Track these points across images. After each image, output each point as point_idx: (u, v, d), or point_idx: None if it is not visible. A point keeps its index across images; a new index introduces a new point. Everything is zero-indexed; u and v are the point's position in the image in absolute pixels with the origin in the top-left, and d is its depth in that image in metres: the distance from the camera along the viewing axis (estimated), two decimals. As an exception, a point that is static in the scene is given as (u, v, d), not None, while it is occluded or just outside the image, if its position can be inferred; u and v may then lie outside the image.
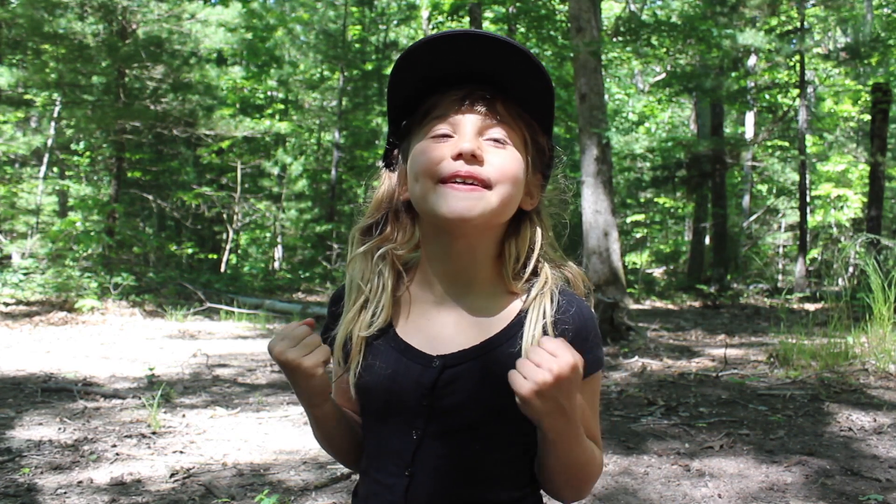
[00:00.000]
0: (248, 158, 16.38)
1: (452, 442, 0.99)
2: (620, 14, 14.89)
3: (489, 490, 1.00)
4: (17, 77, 11.15)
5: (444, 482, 0.99)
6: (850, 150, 16.04)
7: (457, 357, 0.99)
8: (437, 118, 0.98)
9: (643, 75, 22.27)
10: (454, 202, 0.94)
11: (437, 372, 0.99)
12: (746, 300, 12.10)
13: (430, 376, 0.99)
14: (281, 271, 17.54)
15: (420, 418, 0.99)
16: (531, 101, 1.00)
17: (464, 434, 0.99)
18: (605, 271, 9.31)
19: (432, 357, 1.00)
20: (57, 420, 3.39)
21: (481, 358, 0.99)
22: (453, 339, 1.01)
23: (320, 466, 2.76)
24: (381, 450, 1.03)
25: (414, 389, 0.99)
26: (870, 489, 2.44)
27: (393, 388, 1.00)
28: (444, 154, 0.96)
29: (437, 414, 0.98)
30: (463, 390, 0.98)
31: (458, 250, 1.01)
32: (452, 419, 0.98)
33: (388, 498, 1.01)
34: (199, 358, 5.38)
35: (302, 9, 19.04)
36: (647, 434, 3.17)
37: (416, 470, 0.99)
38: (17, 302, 8.90)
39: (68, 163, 16.54)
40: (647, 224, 20.45)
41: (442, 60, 0.96)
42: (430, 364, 1.00)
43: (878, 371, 4.17)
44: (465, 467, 0.99)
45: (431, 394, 0.98)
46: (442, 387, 0.98)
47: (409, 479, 0.99)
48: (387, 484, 1.01)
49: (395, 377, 1.00)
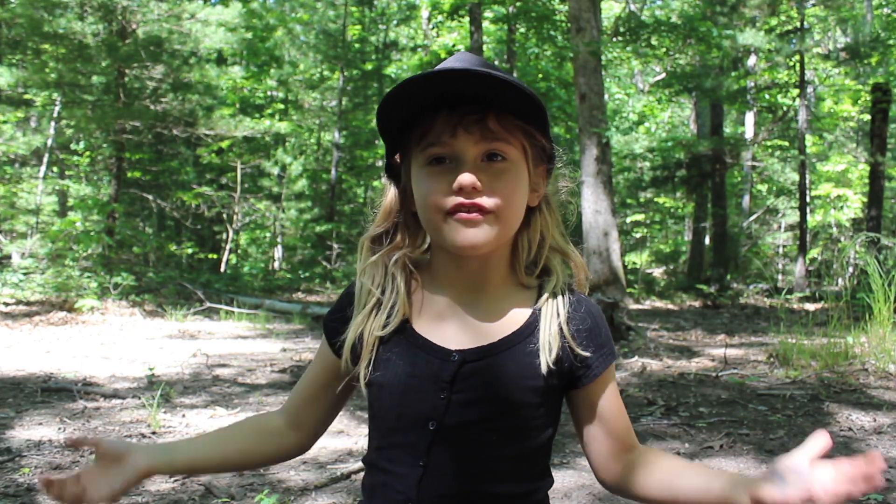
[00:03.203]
0: (248, 158, 16.38)
1: (467, 434, 1.02)
2: (620, 14, 14.88)
3: (502, 482, 1.03)
4: (17, 77, 11.15)
5: (457, 474, 1.02)
6: (850, 150, 16.04)
7: (476, 353, 1.03)
8: (432, 144, 1.00)
9: (643, 75, 22.26)
10: (463, 235, 0.99)
11: (457, 366, 1.02)
12: (746, 300, 12.10)
13: (449, 370, 1.02)
14: (281, 271, 17.54)
15: (437, 411, 1.01)
16: (522, 109, 1.01)
17: (479, 427, 1.01)
18: (605, 271, 9.31)
19: (451, 351, 1.03)
20: (57, 420, 3.39)
21: (499, 355, 1.03)
22: (470, 336, 1.04)
23: (320, 466, 2.76)
24: (394, 442, 1.05)
25: (433, 383, 1.02)
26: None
27: (411, 383, 1.03)
28: (444, 188, 0.99)
29: (454, 407, 1.01)
30: (480, 385, 1.01)
31: (469, 262, 1.05)
32: (469, 413, 1.01)
33: (398, 488, 1.03)
34: (198, 358, 5.38)
35: (302, 9, 19.04)
36: (647, 434, 3.17)
37: (431, 461, 1.01)
38: (16, 302, 8.91)
39: (68, 163, 16.54)
40: (647, 224, 20.45)
41: (435, 89, 0.98)
42: (449, 358, 1.03)
43: (878, 371, 4.17)
44: (479, 460, 1.02)
45: (450, 387, 1.01)
46: (461, 381, 1.01)
47: (423, 470, 1.01)
48: (398, 474, 1.03)
49: (413, 372, 1.03)
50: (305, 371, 1.18)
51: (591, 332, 1.06)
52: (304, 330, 7.70)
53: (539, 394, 1.03)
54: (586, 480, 2.55)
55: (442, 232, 1.00)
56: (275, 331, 7.39)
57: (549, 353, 1.02)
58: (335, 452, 2.92)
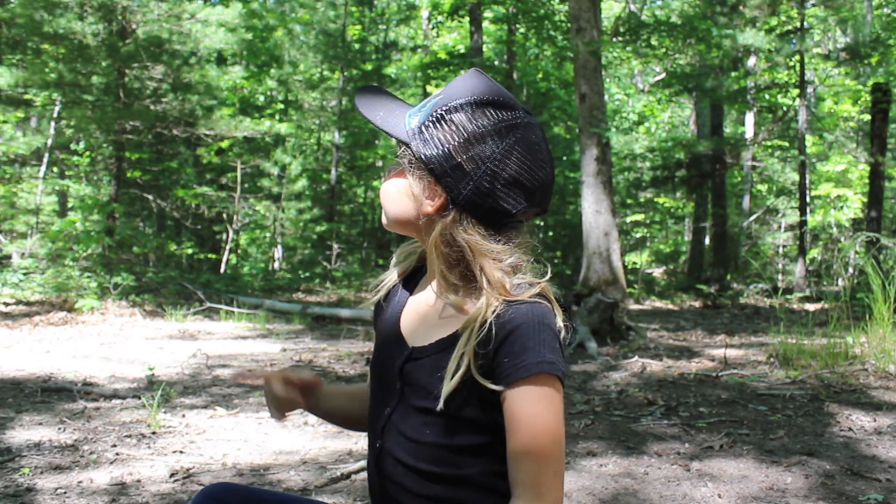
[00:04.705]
0: (248, 158, 16.37)
1: (412, 422, 1.12)
2: (620, 14, 14.88)
3: (423, 477, 1.11)
4: (17, 77, 11.14)
5: (402, 457, 1.12)
6: (850, 150, 16.03)
7: (419, 351, 1.14)
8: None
9: (643, 75, 22.26)
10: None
11: (405, 360, 1.15)
12: (746, 300, 12.10)
13: (401, 362, 1.15)
14: (281, 271, 17.53)
15: (393, 397, 1.16)
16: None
17: (420, 416, 1.11)
18: (605, 271, 9.30)
19: (407, 346, 1.16)
20: (57, 420, 3.39)
21: (434, 356, 1.12)
22: (427, 333, 1.15)
23: (320, 466, 2.76)
24: (370, 422, 1.22)
25: (394, 371, 1.16)
26: (870, 489, 2.44)
27: (379, 368, 1.21)
28: None
29: (403, 395, 1.14)
30: (420, 380, 1.12)
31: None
32: (412, 402, 1.13)
33: (370, 465, 1.20)
34: (198, 358, 5.39)
35: (302, 9, 19.03)
36: (647, 434, 3.17)
37: (384, 441, 1.15)
38: (16, 302, 8.90)
39: (68, 163, 16.53)
40: (647, 224, 20.44)
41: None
42: (404, 352, 1.16)
43: (878, 371, 4.17)
44: (419, 448, 1.11)
45: (401, 377, 1.15)
46: (408, 373, 1.14)
47: (379, 451, 1.16)
48: (370, 452, 1.20)
49: (383, 358, 1.20)
50: None
51: (498, 351, 1.03)
52: (304, 330, 7.70)
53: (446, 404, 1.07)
54: (586, 481, 2.56)
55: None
56: (275, 331, 7.39)
57: (450, 379, 1.05)
58: (335, 453, 2.92)
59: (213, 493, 1.18)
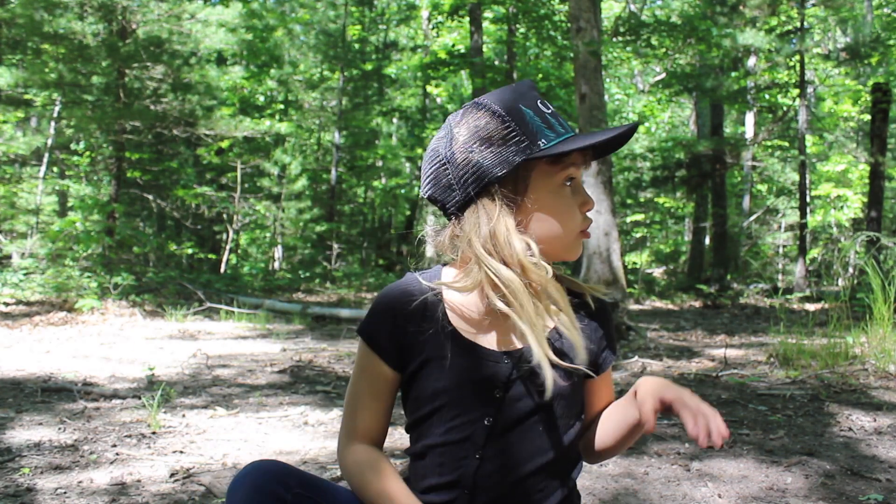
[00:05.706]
0: (248, 158, 16.38)
1: (520, 427, 1.18)
2: (620, 14, 14.88)
3: (546, 468, 1.22)
4: (16, 77, 11.14)
5: (510, 462, 1.18)
6: (850, 150, 16.04)
7: (518, 354, 1.19)
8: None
9: (643, 75, 22.27)
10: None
11: (509, 368, 1.18)
12: (746, 300, 12.10)
13: (503, 371, 1.18)
14: (281, 271, 17.54)
15: (491, 407, 1.17)
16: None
17: (528, 419, 1.18)
18: (605, 271, 9.31)
19: (500, 354, 1.19)
20: (57, 420, 3.39)
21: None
22: (511, 340, 1.20)
23: (320, 467, 2.76)
24: (449, 438, 1.19)
25: (488, 383, 1.18)
26: (870, 489, 2.44)
27: (465, 384, 1.18)
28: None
29: (507, 403, 1.18)
30: (526, 383, 1.18)
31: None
32: (519, 408, 1.18)
33: (452, 478, 1.19)
34: (198, 358, 5.38)
35: (302, 9, 19.04)
36: (646, 434, 3.17)
37: (487, 453, 1.18)
38: (16, 302, 8.90)
39: (68, 163, 16.54)
40: (647, 224, 20.45)
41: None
42: (501, 360, 1.19)
43: (878, 371, 4.17)
44: (530, 448, 1.19)
45: (504, 386, 1.17)
46: (512, 380, 1.18)
47: (479, 462, 1.18)
48: (455, 466, 1.19)
49: (467, 373, 1.19)
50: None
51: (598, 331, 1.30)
52: (304, 330, 7.70)
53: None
54: (586, 481, 2.56)
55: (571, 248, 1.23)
56: (275, 331, 7.39)
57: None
58: (335, 453, 2.92)
59: (268, 468, 1.09)
